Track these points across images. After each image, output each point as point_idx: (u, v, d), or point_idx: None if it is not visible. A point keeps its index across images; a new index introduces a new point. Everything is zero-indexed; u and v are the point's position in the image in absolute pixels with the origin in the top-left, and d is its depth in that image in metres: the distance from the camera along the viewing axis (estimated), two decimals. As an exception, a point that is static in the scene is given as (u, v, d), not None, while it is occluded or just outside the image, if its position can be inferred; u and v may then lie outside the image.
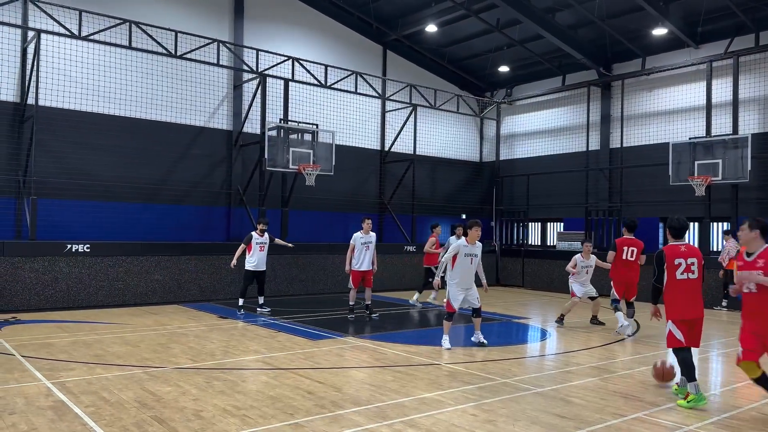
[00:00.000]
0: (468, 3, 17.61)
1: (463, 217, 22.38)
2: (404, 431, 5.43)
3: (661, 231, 18.49)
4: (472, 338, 9.65)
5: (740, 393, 7.06)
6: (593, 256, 11.75)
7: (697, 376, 6.44)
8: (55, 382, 6.86)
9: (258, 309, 12.69)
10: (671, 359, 7.14)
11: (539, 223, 22.12)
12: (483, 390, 6.86)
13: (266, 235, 12.92)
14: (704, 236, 16.62)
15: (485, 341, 9.52)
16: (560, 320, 11.84)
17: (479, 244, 9.46)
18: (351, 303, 12.36)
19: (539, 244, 22.08)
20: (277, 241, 13.49)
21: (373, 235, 12.45)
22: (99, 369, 7.57)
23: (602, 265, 11.60)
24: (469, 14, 18.21)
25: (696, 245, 17.50)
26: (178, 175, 16.40)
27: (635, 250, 10.84)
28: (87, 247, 13.09)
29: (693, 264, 6.57)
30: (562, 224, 21.09)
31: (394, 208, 19.87)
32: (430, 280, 13.65)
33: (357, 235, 12.33)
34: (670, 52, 17.97)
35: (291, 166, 15.87)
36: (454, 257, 9.32)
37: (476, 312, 9.51)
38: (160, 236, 15.53)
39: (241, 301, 12.64)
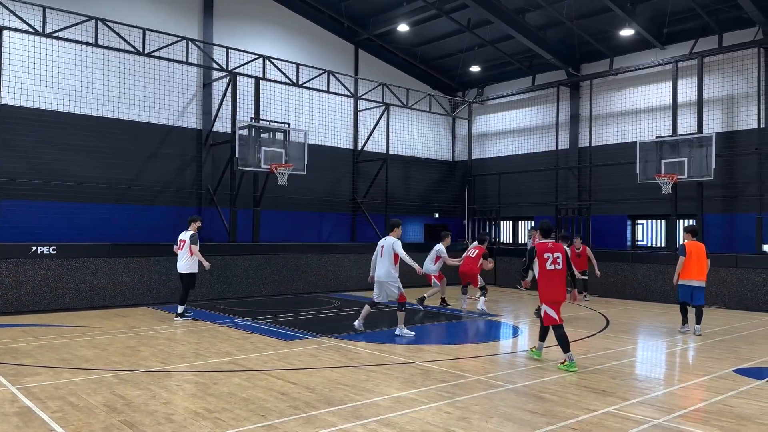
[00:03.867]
0: (439, 3, 17.68)
1: (436, 216, 22.49)
2: (379, 430, 5.42)
3: (629, 228, 18.85)
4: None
5: (706, 386, 7.22)
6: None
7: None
8: (20, 388, 6.69)
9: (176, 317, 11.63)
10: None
11: (510, 222, 22.34)
12: (456, 387, 6.90)
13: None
14: (671, 233, 16.98)
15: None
16: None
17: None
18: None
19: (511, 242, 22.30)
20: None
21: None
22: (66, 373, 7.40)
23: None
24: (440, 14, 18.29)
25: (663, 242, 17.99)
26: (147, 175, 16.14)
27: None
28: (53, 249, 12.79)
29: (558, 257, 8.03)
30: (532, 222, 21.32)
31: (368, 208, 19.87)
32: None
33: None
34: (637, 53, 18.31)
35: (263, 166, 15.75)
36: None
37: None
38: (130, 237, 15.28)
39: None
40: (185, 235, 11.96)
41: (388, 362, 8.26)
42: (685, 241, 10.91)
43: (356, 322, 10.52)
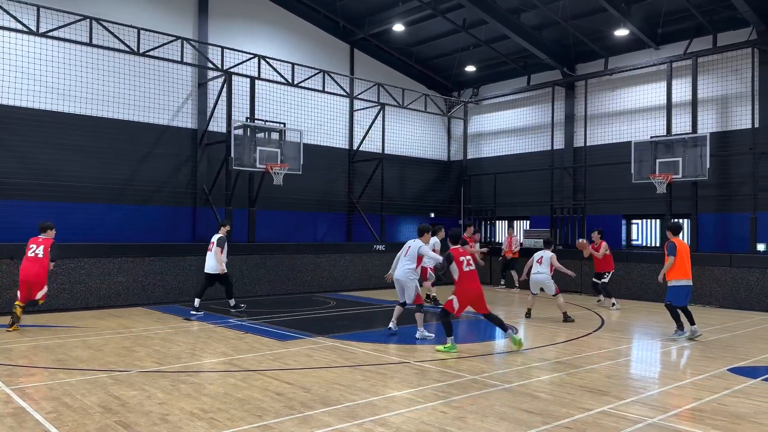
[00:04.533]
0: (434, 3, 17.70)
1: (432, 216, 22.50)
2: (374, 430, 5.42)
3: (624, 228, 18.91)
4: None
5: (701, 385, 7.25)
6: None
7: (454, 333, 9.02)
8: (14, 388, 6.66)
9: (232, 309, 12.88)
10: None
11: (506, 221, 22.36)
12: (452, 387, 6.90)
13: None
14: (665, 233, 16.98)
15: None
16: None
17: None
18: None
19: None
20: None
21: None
22: (61, 374, 7.38)
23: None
24: (435, 14, 18.30)
25: (657, 242, 18.05)
26: (142, 175, 16.10)
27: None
28: (47, 249, 12.72)
29: (470, 260, 9.14)
30: (528, 222, 21.37)
31: (363, 208, 19.86)
32: None
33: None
34: (632, 53, 18.36)
35: (258, 166, 15.72)
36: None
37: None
38: (125, 237, 15.24)
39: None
40: (215, 238, 12.68)
41: (384, 362, 8.26)
42: (673, 238, 10.29)
43: (391, 324, 10.38)
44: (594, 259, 14.69)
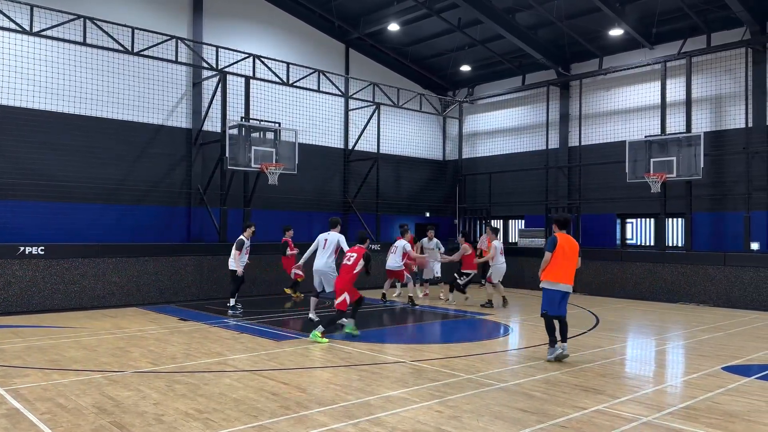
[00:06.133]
0: (430, 2, 17.69)
1: (427, 215, 22.52)
2: (370, 430, 5.42)
3: (618, 227, 18.97)
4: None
5: (695, 383, 7.28)
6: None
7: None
8: (8, 389, 6.63)
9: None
10: None
11: (501, 221, 22.39)
12: (448, 386, 6.91)
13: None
14: (660, 232, 17.07)
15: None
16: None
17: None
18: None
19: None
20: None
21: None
22: (55, 374, 7.35)
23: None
24: (431, 13, 18.30)
25: (652, 241, 18.10)
26: (137, 175, 16.04)
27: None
28: (41, 250, 12.70)
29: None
30: (523, 221, 21.40)
31: (359, 207, 19.85)
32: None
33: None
34: (627, 53, 18.41)
35: (253, 165, 15.68)
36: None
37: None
38: (119, 237, 15.19)
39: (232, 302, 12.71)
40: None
41: (380, 362, 8.26)
42: (557, 233, 8.50)
43: (311, 314, 11.41)
44: (470, 258, 14.68)
